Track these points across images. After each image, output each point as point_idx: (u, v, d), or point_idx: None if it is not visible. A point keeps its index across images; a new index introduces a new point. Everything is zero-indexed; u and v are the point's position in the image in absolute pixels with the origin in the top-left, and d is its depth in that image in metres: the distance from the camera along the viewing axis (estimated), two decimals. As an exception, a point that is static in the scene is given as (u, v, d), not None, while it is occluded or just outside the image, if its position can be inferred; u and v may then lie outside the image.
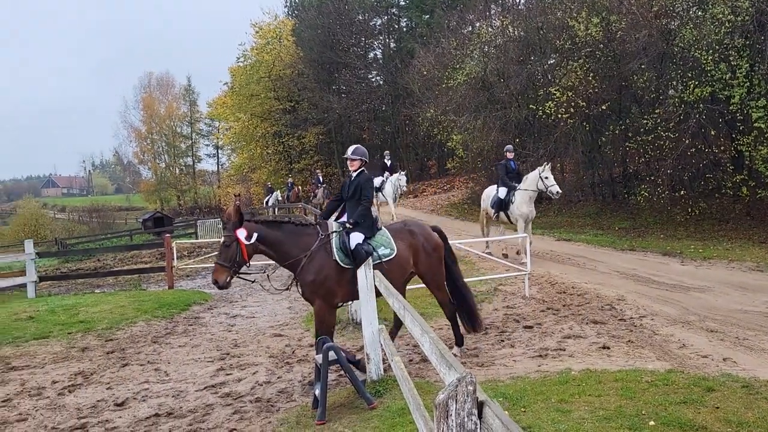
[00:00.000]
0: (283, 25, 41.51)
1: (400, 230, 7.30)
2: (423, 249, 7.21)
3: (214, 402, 6.51)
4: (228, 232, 6.46)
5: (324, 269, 6.61)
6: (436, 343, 3.33)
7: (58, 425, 6.12)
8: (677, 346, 6.93)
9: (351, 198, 7.14)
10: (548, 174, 12.83)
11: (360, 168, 7.17)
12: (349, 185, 7.21)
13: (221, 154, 62.14)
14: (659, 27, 17.81)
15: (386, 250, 6.98)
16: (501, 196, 13.55)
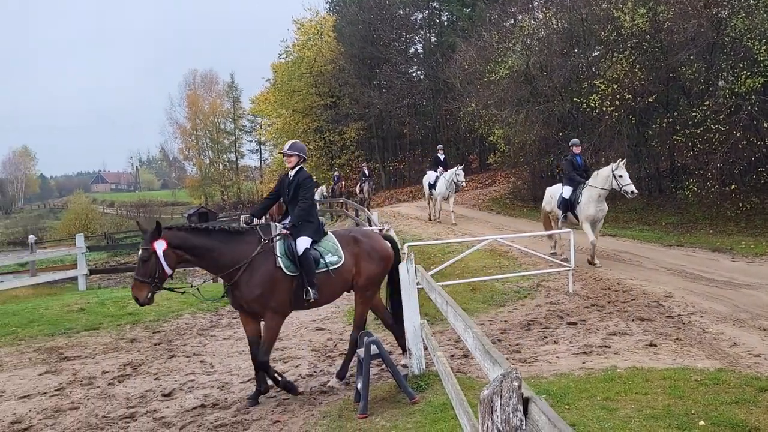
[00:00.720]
0: (325, 21, 41.71)
1: (346, 237, 6.85)
2: (367, 257, 6.73)
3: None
4: (145, 245, 5.89)
5: (269, 279, 6.14)
6: (480, 338, 3.31)
7: (108, 414, 6.31)
8: (728, 345, 6.74)
9: (291, 199, 6.62)
10: (623, 171, 11.77)
11: (298, 165, 6.68)
12: (288, 184, 6.68)
13: (263, 150, 62.94)
14: (709, 16, 17.28)
15: (333, 258, 6.53)
16: (566, 195, 12.59)
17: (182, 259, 6.09)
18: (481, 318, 9.09)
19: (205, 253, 6.11)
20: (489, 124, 25.28)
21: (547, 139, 22.48)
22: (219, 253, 6.11)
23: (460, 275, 11.37)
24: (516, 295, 10.22)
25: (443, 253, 13.60)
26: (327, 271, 6.41)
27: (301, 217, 6.46)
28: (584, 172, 12.71)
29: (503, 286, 10.83)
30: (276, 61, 44.10)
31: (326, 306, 11.30)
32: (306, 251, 6.28)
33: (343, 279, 6.62)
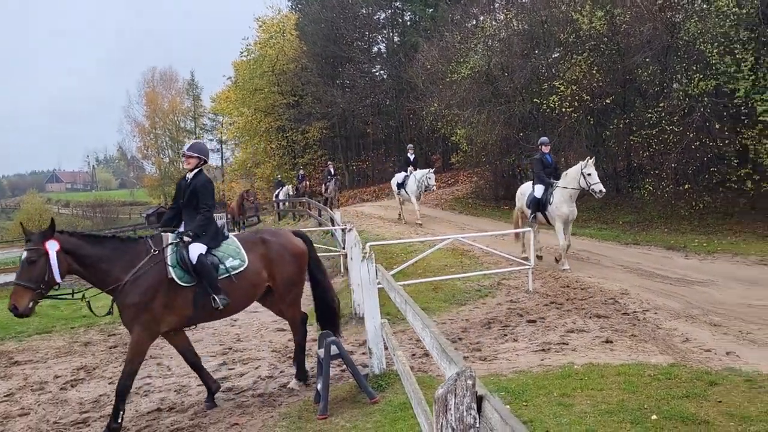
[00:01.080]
0: (287, 20, 41.39)
1: (251, 239, 6.46)
2: (280, 258, 6.40)
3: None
4: (34, 245, 5.27)
5: (152, 290, 5.65)
6: (437, 338, 3.32)
7: (60, 420, 6.14)
8: (680, 340, 6.91)
9: (188, 205, 6.16)
10: (591, 170, 11.45)
11: (197, 167, 6.22)
12: (185, 189, 6.19)
13: (225, 149, 62.14)
14: (664, 20, 17.71)
15: (235, 262, 6.11)
16: (538, 194, 12.22)
17: (71, 268, 5.53)
18: (443, 317, 9.14)
19: (96, 264, 5.60)
20: (451, 123, 25.44)
21: (508, 139, 22.73)
22: (108, 265, 5.61)
23: (422, 274, 11.41)
24: (477, 294, 10.31)
25: (405, 253, 13.62)
26: (229, 277, 6.02)
27: (200, 227, 6.01)
28: (554, 171, 12.51)
29: (465, 284, 10.91)
30: (237, 59, 43.60)
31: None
32: (201, 258, 5.85)
33: (252, 283, 6.22)
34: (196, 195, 6.07)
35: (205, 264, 5.81)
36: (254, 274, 6.21)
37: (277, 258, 6.37)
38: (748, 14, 15.23)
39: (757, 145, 15.46)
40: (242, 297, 6.21)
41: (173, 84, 66.02)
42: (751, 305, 8.31)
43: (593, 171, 11.46)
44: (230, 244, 6.22)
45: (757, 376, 5.38)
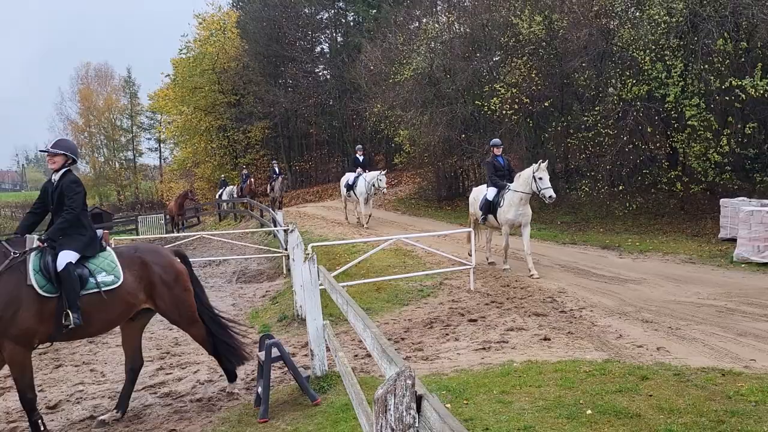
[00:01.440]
0: (228, 17, 40.70)
1: (130, 257, 5.93)
2: (162, 282, 5.92)
3: (153, 402, 6.34)
4: None
5: (14, 300, 5.09)
6: (377, 338, 3.31)
7: (-14, 431, 5.84)
8: (614, 337, 7.13)
9: (57, 209, 5.62)
10: (543, 174, 10.98)
11: (64, 167, 5.68)
12: (53, 192, 5.64)
13: (164, 148, 60.57)
14: (599, 26, 18.30)
15: (108, 278, 5.59)
16: (489, 197, 11.85)
17: None
18: (386, 317, 9.16)
19: None
20: (394, 125, 25.58)
21: (450, 140, 23.01)
22: None
23: (366, 275, 11.41)
24: (419, 294, 10.38)
25: (349, 253, 13.59)
26: (99, 293, 5.46)
27: (62, 230, 5.47)
28: (508, 173, 12.00)
29: (407, 285, 10.96)
30: (176, 56, 42.58)
31: (228, 309, 11.08)
32: (68, 267, 5.30)
33: (124, 302, 5.68)
34: (63, 197, 5.55)
35: (71, 275, 5.28)
36: (128, 293, 5.70)
37: (160, 282, 5.91)
38: (678, 23, 15.91)
39: (686, 149, 16.17)
40: (108, 318, 5.72)
41: (109, 80, 63.98)
42: (680, 302, 8.67)
43: (545, 175, 11.00)
44: (106, 257, 5.72)
45: (685, 369, 5.61)
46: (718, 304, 8.35)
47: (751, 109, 16.25)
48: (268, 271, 15.35)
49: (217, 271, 16.42)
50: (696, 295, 8.98)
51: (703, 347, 6.49)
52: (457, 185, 26.04)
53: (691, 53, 16.18)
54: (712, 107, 15.94)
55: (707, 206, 16.43)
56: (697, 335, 6.94)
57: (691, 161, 16.11)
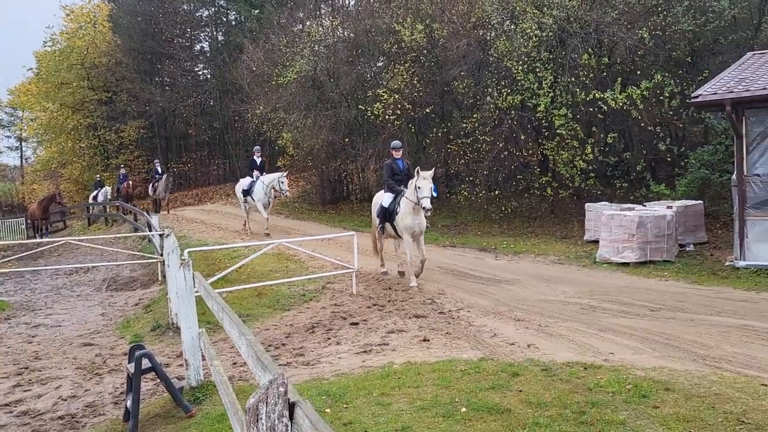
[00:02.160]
0: (98, 9, 38.25)
1: None
2: None
3: (8, 422, 5.79)
4: None
5: None
6: (252, 345, 3.19)
7: None
8: (489, 336, 7.40)
9: None
10: (422, 182, 10.14)
11: None
12: None
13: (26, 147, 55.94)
14: (477, 37, 19.08)
15: None
16: (385, 204, 11.09)
17: None
18: (267, 323, 8.97)
19: None
20: (277, 127, 25.23)
21: (334, 143, 23.04)
22: None
23: (246, 280, 11.13)
24: (302, 299, 10.27)
25: (229, 258, 13.22)
26: None
27: None
28: (407, 178, 11.09)
29: (289, 289, 10.82)
30: (40, 49, 39.47)
31: (97, 319, 10.40)
32: None
33: None
34: None
35: None
36: None
37: None
38: (548, 37, 16.90)
39: (556, 156, 17.19)
40: None
41: (-38, 72, 58.21)
42: (549, 300, 9.17)
43: (424, 184, 10.12)
44: None
45: (552, 365, 5.91)
46: (583, 301, 8.91)
47: (612, 120, 17.56)
48: (141, 278, 14.58)
49: (85, 279, 15.37)
50: (563, 294, 9.53)
51: (569, 343, 6.88)
52: (342, 189, 26.12)
53: (560, 66, 17.25)
54: (578, 117, 17.06)
55: (574, 210, 17.55)
56: (563, 332, 7.35)
57: (560, 168, 17.15)
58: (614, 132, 17.38)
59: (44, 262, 18.72)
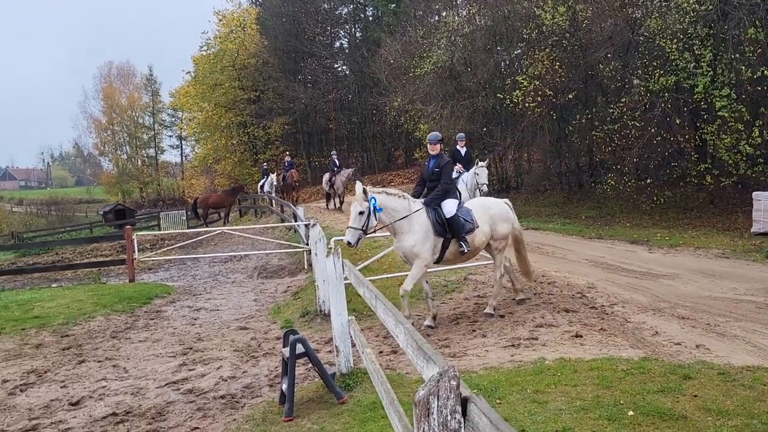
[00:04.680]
0: (247, 14, 40.70)
1: None
2: None
3: (176, 399, 6.21)
4: None
5: None
6: (411, 334, 3.12)
7: (8, 427, 5.76)
8: (650, 334, 6.86)
9: None
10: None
11: None
12: None
13: (185, 145, 60.91)
14: (625, 16, 17.90)
15: None
16: None
17: None
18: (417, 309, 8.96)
19: None
20: (414, 119, 25.36)
21: (472, 134, 22.71)
22: None
23: (388, 270, 11.21)
24: (444, 289, 10.16)
25: (370, 248, 13.41)
26: None
27: None
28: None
29: (431, 280, 10.70)
30: (197, 53, 42.70)
31: (250, 305, 10.97)
32: None
33: None
34: None
35: None
36: None
37: None
38: (707, 11, 15.48)
39: (716, 141, 15.73)
40: None
41: (131, 79, 64.53)
42: (716, 297, 8.37)
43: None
44: None
45: (729, 369, 5.34)
46: (758, 300, 8.03)
47: (785, 99, 15.77)
48: (289, 266, 15.23)
49: (239, 267, 16.34)
50: (732, 291, 8.66)
51: (746, 345, 6.20)
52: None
53: (721, 42, 15.75)
54: (743, 98, 15.50)
55: (738, 200, 16.01)
56: (737, 332, 6.65)
57: (721, 153, 15.68)
58: (787, 112, 15.59)
59: (203, 250, 20.17)
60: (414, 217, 7.76)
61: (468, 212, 8.01)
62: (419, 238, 7.69)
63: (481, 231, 8.03)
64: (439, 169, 8.09)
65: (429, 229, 7.76)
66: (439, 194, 7.96)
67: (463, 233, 7.80)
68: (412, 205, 7.85)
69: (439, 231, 7.76)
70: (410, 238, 7.71)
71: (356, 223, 7.50)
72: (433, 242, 7.78)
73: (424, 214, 7.79)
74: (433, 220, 7.78)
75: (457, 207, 8.00)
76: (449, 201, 7.99)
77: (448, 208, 7.86)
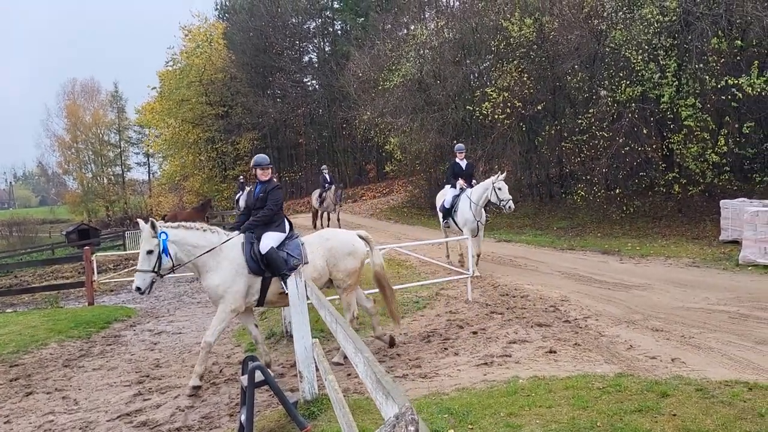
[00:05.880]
0: (214, 28, 40.29)
1: None
2: None
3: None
4: None
5: None
6: (371, 365, 2.84)
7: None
8: (624, 348, 6.67)
9: None
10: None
11: None
12: None
13: (152, 163, 59.88)
14: (590, 28, 17.99)
15: None
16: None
17: None
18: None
19: None
20: (385, 132, 25.20)
21: (442, 146, 22.63)
22: None
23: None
24: (415, 306, 9.90)
25: (340, 265, 13.10)
26: None
27: None
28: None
29: (402, 296, 10.48)
30: (162, 69, 42.09)
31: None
32: None
33: None
34: None
35: None
36: None
37: None
38: (671, 21, 15.60)
39: (683, 150, 15.80)
40: None
41: (96, 96, 63.28)
42: (689, 308, 8.24)
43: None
44: None
45: (707, 384, 5.15)
46: (730, 309, 7.92)
47: (748, 108, 15.94)
48: (257, 284, 14.81)
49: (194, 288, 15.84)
50: (705, 301, 8.54)
51: (722, 357, 6.04)
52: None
53: (685, 53, 15.88)
54: (708, 107, 15.61)
55: (705, 208, 16.07)
56: (713, 344, 6.49)
57: (688, 162, 15.75)
58: (751, 121, 15.75)
59: (168, 270, 19.55)
60: (223, 252, 6.72)
61: (297, 245, 7.04)
62: (226, 277, 6.66)
63: (312, 267, 6.99)
64: (264, 194, 7.08)
65: (241, 265, 6.71)
66: (258, 222, 6.94)
67: (284, 270, 6.66)
68: (223, 238, 6.84)
69: (255, 268, 6.72)
70: (215, 277, 6.66)
71: (145, 264, 6.44)
72: (247, 281, 6.74)
73: (237, 249, 6.78)
74: (248, 255, 6.75)
75: (324, 237, 7.31)
76: (270, 233, 6.95)
77: (265, 241, 6.84)
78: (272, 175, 7.31)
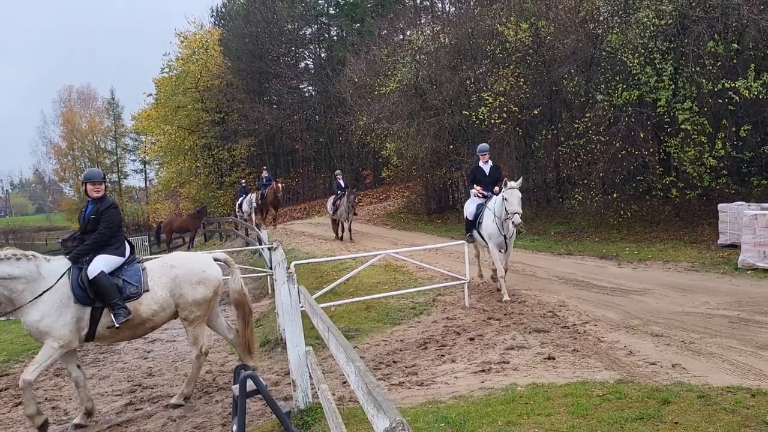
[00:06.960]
0: (210, 35, 40.23)
1: None
2: None
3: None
4: None
5: None
6: (362, 376, 2.73)
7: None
8: (624, 353, 6.58)
9: None
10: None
11: None
12: None
13: (149, 170, 59.71)
14: (586, 32, 17.95)
15: None
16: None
17: None
18: (376, 338, 8.56)
19: None
20: (381, 137, 25.12)
21: (438, 151, 22.54)
22: None
23: (354, 293, 10.82)
24: (412, 312, 9.79)
25: (336, 270, 13.01)
26: None
27: None
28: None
29: (399, 302, 10.38)
30: (159, 75, 42.00)
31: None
32: None
33: None
34: None
35: None
36: None
37: None
38: (667, 25, 15.57)
39: (680, 153, 15.75)
40: None
41: (92, 103, 63.15)
42: (689, 313, 8.15)
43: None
44: None
45: (709, 391, 5.05)
46: (730, 314, 7.83)
47: (745, 111, 15.90)
48: (253, 291, 14.69)
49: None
50: (704, 305, 8.46)
51: (723, 363, 5.95)
52: (447, 197, 25.56)
53: (681, 56, 15.85)
54: (705, 110, 15.57)
55: (703, 212, 15.99)
56: (713, 349, 6.40)
57: (686, 166, 15.70)
58: (748, 124, 15.70)
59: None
60: (43, 281, 5.86)
61: (137, 271, 6.32)
62: (49, 309, 5.80)
63: (150, 297, 6.26)
64: (96, 215, 6.29)
65: (66, 295, 5.91)
66: (89, 248, 6.15)
67: (116, 299, 5.98)
68: (44, 265, 5.99)
69: (82, 296, 5.94)
70: (34, 311, 5.78)
71: None
72: (75, 313, 5.92)
73: (60, 276, 5.98)
74: (75, 282, 5.95)
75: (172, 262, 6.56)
76: (103, 256, 6.14)
77: (95, 264, 6.04)
78: (105, 192, 6.54)
